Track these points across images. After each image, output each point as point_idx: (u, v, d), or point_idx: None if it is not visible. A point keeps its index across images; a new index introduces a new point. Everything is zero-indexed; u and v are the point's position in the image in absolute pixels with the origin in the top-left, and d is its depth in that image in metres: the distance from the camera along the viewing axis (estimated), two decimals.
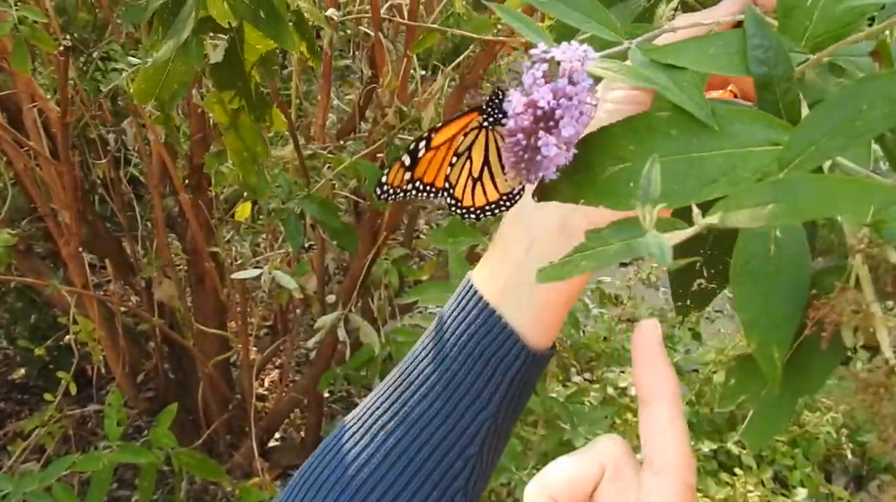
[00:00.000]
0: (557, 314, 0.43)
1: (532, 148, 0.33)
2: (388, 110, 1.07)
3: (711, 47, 0.36)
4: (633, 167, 0.34)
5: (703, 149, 0.33)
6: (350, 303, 1.27)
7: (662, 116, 0.35)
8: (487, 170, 0.42)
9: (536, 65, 0.33)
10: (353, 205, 1.27)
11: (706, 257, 0.47)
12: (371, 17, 1.00)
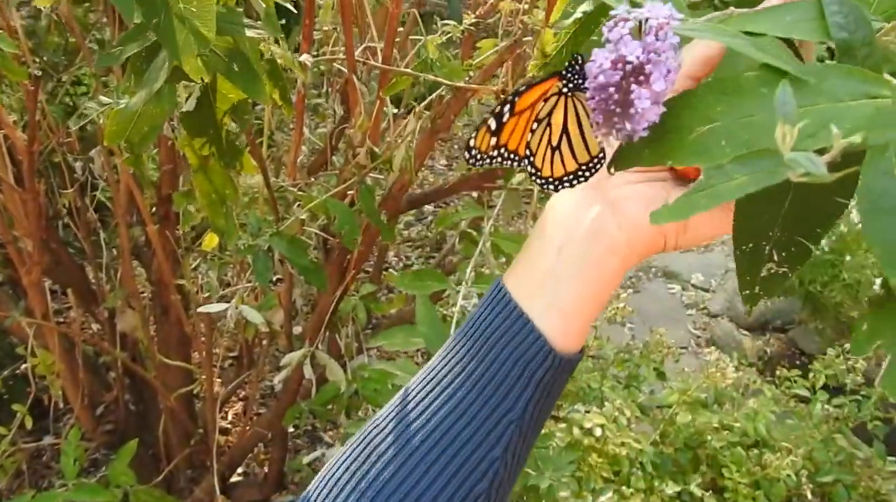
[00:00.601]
0: (586, 319, 0.44)
1: (624, 102, 0.33)
2: (360, 150, 1.07)
3: (788, 15, 0.37)
4: (724, 126, 0.34)
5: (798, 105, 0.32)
6: (317, 340, 1.26)
7: (751, 76, 0.35)
8: (566, 138, 0.41)
9: (621, 23, 0.33)
10: (323, 242, 1.27)
11: (776, 240, 0.44)
12: (345, 58, 1.01)
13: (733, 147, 0.33)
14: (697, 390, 1.38)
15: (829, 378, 1.46)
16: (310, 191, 1.16)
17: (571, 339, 0.43)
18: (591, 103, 0.34)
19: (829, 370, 1.46)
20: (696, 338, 2.37)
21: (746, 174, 0.31)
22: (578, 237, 0.42)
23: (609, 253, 0.42)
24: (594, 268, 0.43)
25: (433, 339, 0.79)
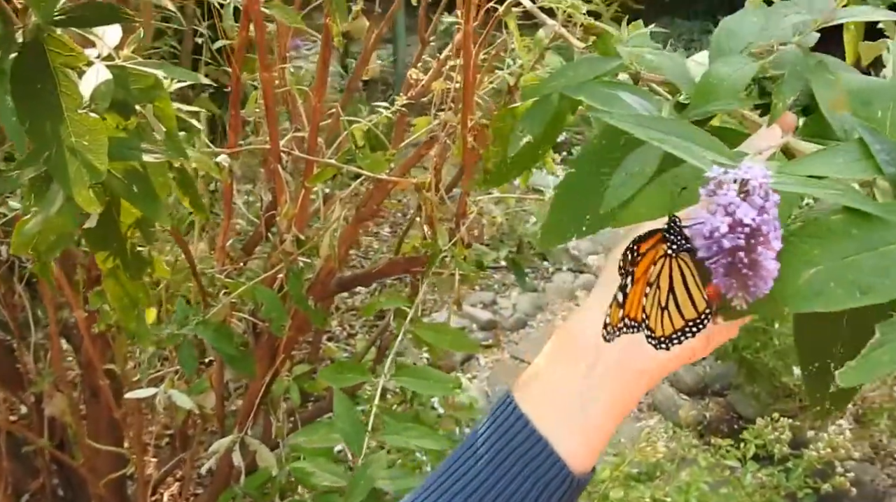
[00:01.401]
0: (606, 439, 0.45)
1: (752, 263, 0.35)
2: (287, 236, 1.08)
3: (837, 158, 0.41)
4: (827, 268, 0.37)
5: (888, 241, 0.37)
6: (246, 425, 1.24)
7: (838, 219, 0.38)
8: (672, 297, 0.42)
9: (726, 186, 0.35)
10: (253, 326, 1.26)
11: (840, 357, 0.47)
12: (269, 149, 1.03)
13: (843, 287, 0.36)
14: (629, 464, 1.39)
15: (759, 447, 1.49)
16: (238, 276, 1.17)
17: (589, 460, 0.44)
18: (714, 265, 0.36)
19: (758, 439, 1.48)
20: (638, 403, 2.39)
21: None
22: (612, 363, 0.44)
23: (641, 376, 0.44)
24: (626, 392, 0.44)
25: (351, 436, 0.79)
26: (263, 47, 0.90)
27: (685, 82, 0.56)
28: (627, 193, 0.48)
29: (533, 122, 0.68)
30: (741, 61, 0.53)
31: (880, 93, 0.47)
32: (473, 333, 2.65)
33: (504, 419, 0.44)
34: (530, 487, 0.42)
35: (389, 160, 0.96)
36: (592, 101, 0.54)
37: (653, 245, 0.42)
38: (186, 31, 1.53)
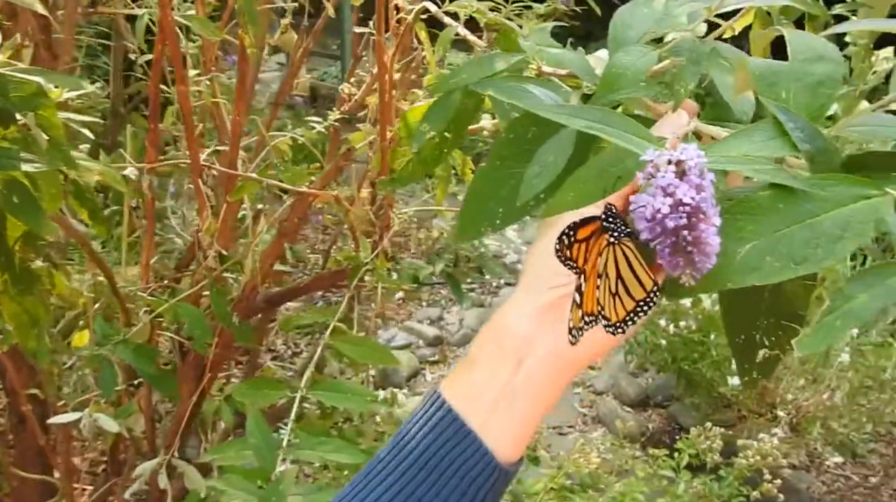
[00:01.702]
0: (533, 429, 0.46)
1: (696, 240, 0.36)
2: (210, 253, 1.07)
3: (755, 137, 0.43)
4: (761, 243, 0.39)
5: (814, 213, 0.39)
6: (174, 447, 1.22)
7: (766, 195, 0.40)
8: (621, 282, 0.43)
9: (664, 167, 0.36)
10: (179, 345, 1.24)
11: (764, 328, 0.50)
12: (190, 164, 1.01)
13: (778, 260, 0.39)
14: (566, 476, 1.39)
15: (692, 457, 1.50)
16: (162, 294, 1.15)
17: (517, 449, 0.45)
18: (659, 246, 0.37)
19: (692, 449, 1.50)
20: (582, 416, 2.40)
21: (865, 290, 0.38)
22: (542, 355, 0.44)
23: (569, 367, 0.45)
24: (555, 382, 0.45)
25: (264, 452, 0.78)
26: (178, 60, 0.89)
27: (587, 74, 0.57)
28: (543, 184, 0.49)
29: (435, 119, 0.68)
30: (641, 51, 0.55)
31: (783, 74, 0.49)
32: (420, 349, 2.65)
33: (433, 414, 0.45)
34: (459, 480, 0.43)
35: (312, 173, 0.96)
36: (500, 95, 0.54)
37: (592, 232, 0.43)
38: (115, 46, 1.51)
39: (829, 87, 0.48)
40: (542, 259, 0.46)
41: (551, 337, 0.44)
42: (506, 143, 0.55)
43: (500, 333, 0.46)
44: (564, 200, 0.44)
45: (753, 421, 2.07)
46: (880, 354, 1.97)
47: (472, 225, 0.55)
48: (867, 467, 2.14)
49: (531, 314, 0.45)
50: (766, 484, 1.42)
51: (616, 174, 0.43)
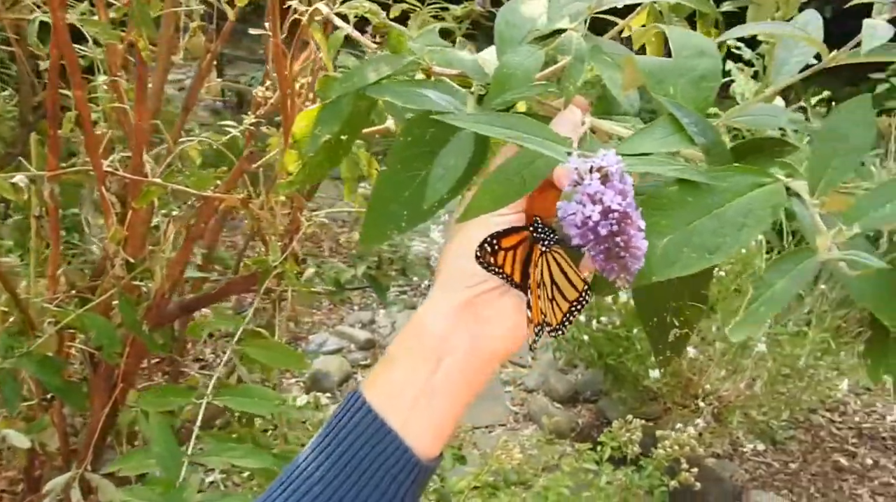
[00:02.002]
0: (454, 424, 0.47)
1: (627, 244, 0.38)
2: (116, 261, 1.05)
3: (656, 134, 0.46)
4: (677, 236, 0.42)
5: (719, 204, 0.42)
6: (86, 461, 1.19)
7: (674, 190, 0.43)
8: (556, 287, 0.45)
9: (588, 175, 0.38)
10: (90, 357, 1.21)
11: (673, 309, 0.53)
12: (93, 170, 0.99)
13: (694, 251, 0.42)
14: (491, 473, 1.40)
15: (615, 449, 1.53)
16: (68, 304, 1.12)
17: (437, 446, 0.46)
18: (592, 252, 0.39)
19: (614, 442, 1.53)
20: (514, 414, 2.43)
21: (782, 277, 0.41)
22: (460, 352, 0.45)
23: (489, 363, 0.47)
24: (473, 379, 0.46)
25: (168, 461, 0.77)
26: (73, 65, 0.87)
27: (477, 74, 0.58)
28: (447, 187, 0.51)
29: (328, 122, 0.68)
30: (528, 50, 0.56)
31: (669, 71, 0.51)
32: (352, 353, 2.64)
33: (353, 414, 0.45)
34: (380, 479, 0.44)
35: (219, 177, 0.95)
36: (397, 99, 0.55)
37: (519, 241, 0.45)
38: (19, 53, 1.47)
39: (711, 81, 0.51)
40: (456, 259, 0.47)
41: (468, 334, 0.46)
42: (404, 146, 0.55)
43: (419, 333, 0.47)
44: (480, 204, 0.45)
45: (678, 413, 2.11)
46: (795, 343, 2.04)
47: (377, 229, 0.55)
48: (787, 453, 2.21)
49: (448, 313, 0.46)
50: (684, 473, 1.46)
51: (527, 177, 0.45)
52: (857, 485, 2.09)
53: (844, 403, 2.38)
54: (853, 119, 0.46)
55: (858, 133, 0.45)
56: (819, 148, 0.45)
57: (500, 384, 2.57)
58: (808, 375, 2.05)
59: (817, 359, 2.03)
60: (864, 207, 0.42)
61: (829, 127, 0.46)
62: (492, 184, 0.45)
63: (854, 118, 0.46)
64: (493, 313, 0.46)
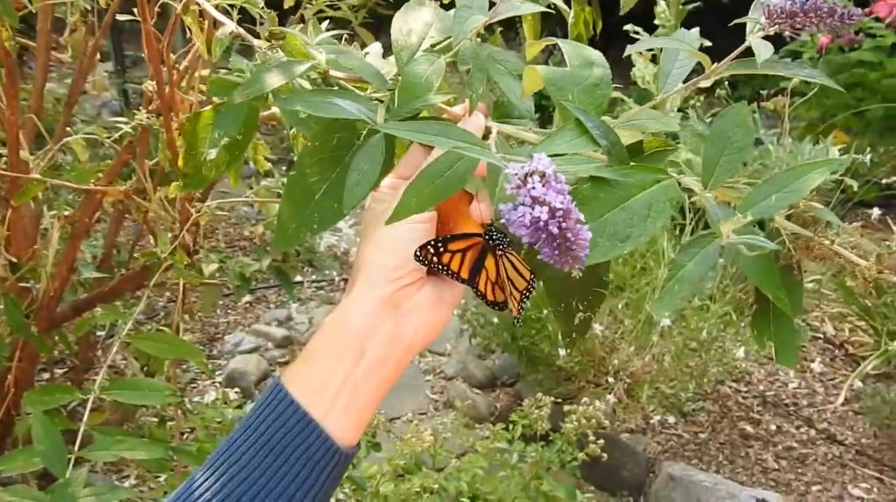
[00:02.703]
0: (372, 413, 0.50)
1: (576, 239, 0.42)
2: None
3: (566, 137, 0.52)
4: (594, 227, 0.47)
5: (626, 198, 0.48)
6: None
7: (588, 187, 0.49)
8: (510, 283, 0.52)
9: (531, 180, 0.42)
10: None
11: (578, 294, 0.59)
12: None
13: (609, 240, 0.48)
14: (401, 456, 1.42)
15: (525, 427, 1.56)
16: None
17: (359, 433, 0.49)
18: (543, 247, 0.43)
19: (525, 420, 1.56)
20: (434, 402, 2.44)
21: (691, 259, 0.48)
22: (383, 344, 0.48)
23: (407, 353, 0.50)
24: (394, 368, 0.49)
25: (52, 458, 0.75)
26: None
27: (375, 79, 0.60)
28: (364, 191, 0.54)
29: (228, 125, 0.70)
30: (429, 59, 0.59)
31: (567, 79, 0.56)
32: (269, 351, 2.61)
33: (275, 405, 0.47)
34: (301, 467, 0.46)
35: (98, 171, 0.93)
36: (310, 109, 0.57)
37: (469, 245, 0.52)
38: None
39: (604, 89, 0.57)
40: (377, 256, 0.50)
41: (389, 327, 0.49)
42: (313, 151, 0.58)
43: (341, 327, 0.49)
44: (409, 206, 0.48)
45: (591, 391, 2.17)
46: (700, 317, 2.11)
47: (291, 232, 0.58)
48: (696, 424, 2.29)
49: (371, 307, 0.49)
50: (591, 444, 1.50)
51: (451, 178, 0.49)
52: (762, 451, 2.18)
53: (749, 373, 2.48)
54: (735, 123, 0.53)
55: (740, 135, 0.52)
56: (709, 149, 0.52)
57: (420, 373, 2.58)
58: (713, 348, 2.13)
59: (720, 331, 2.11)
60: (754, 199, 0.49)
61: (715, 131, 0.52)
62: (418, 187, 0.49)
63: (735, 122, 0.53)
64: (412, 306, 0.50)
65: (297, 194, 0.57)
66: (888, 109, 3.29)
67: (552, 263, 0.43)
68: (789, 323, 0.52)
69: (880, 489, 2.04)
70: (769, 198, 0.49)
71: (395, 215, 0.47)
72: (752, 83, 4.15)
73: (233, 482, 0.45)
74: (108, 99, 3.45)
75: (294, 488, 0.46)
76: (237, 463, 0.46)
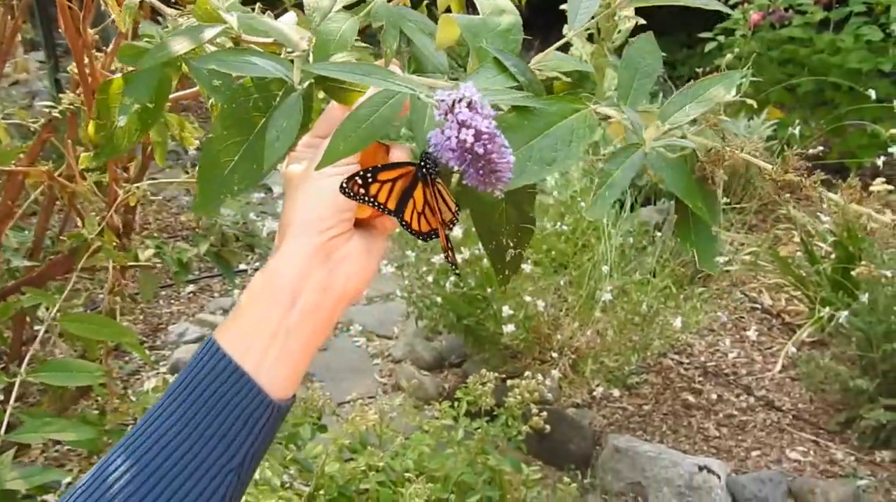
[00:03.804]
0: (306, 365, 0.50)
1: (500, 161, 0.45)
2: None
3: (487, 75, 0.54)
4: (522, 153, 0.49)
5: (549, 125, 0.51)
6: None
7: (512, 116, 0.51)
8: (428, 208, 0.53)
9: (458, 104, 0.44)
10: None
11: (508, 232, 0.61)
12: None
13: (536, 164, 0.50)
14: (346, 437, 1.42)
15: (470, 404, 1.58)
16: None
17: (294, 384, 0.49)
18: (468, 169, 0.45)
19: (469, 397, 1.57)
20: (382, 385, 2.45)
21: (618, 167, 0.50)
22: (315, 293, 0.49)
23: (339, 302, 0.50)
24: (326, 318, 0.50)
25: None
26: None
27: (288, 41, 0.60)
28: (284, 147, 0.53)
29: (139, 91, 0.69)
30: (343, 17, 0.60)
31: (480, 26, 0.59)
32: None
33: (207, 359, 0.47)
34: (235, 419, 0.45)
35: (19, 151, 0.91)
36: (224, 68, 0.57)
37: (399, 175, 0.52)
38: None
39: (515, 34, 0.60)
40: (305, 208, 0.51)
41: (321, 276, 0.49)
42: (230, 113, 0.57)
43: (271, 279, 0.49)
44: (336, 150, 0.48)
45: (537, 368, 2.19)
46: (641, 291, 2.15)
47: (210, 195, 0.57)
48: (640, 396, 2.33)
49: (300, 258, 0.49)
50: (535, 417, 1.52)
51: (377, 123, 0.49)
52: (703, 420, 2.24)
53: (691, 345, 2.54)
54: (644, 51, 0.56)
55: (649, 61, 0.56)
56: (622, 74, 0.55)
57: (368, 357, 2.58)
58: (655, 321, 2.17)
59: (661, 305, 2.15)
60: (670, 111, 0.53)
61: (627, 58, 0.56)
62: (345, 130, 0.49)
63: (644, 50, 0.56)
64: (343, 254, 0.50)
65: (215, 157, 0.57)
66: (818, 83, 3.38)
67: (477, 186, 0.46)
68: (708, 230, 0.56)
69: (816, 452, 2.11)
70: (683, 109, 0.53)
71: (324, 160, 0.48)
72: (689, 63, 4.23)
73: (166, 437, 0.45)
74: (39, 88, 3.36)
75: (230, 439, 0.45)
76: (170, 418, 0.45)
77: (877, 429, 2.08)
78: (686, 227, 0.57)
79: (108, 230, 0.93)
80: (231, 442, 0.46)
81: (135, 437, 0.46)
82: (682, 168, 0.54)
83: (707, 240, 0.56)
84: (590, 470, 2.07)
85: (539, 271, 2.15)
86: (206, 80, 0.65)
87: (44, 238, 1.38)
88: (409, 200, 0.53)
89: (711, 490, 1.90)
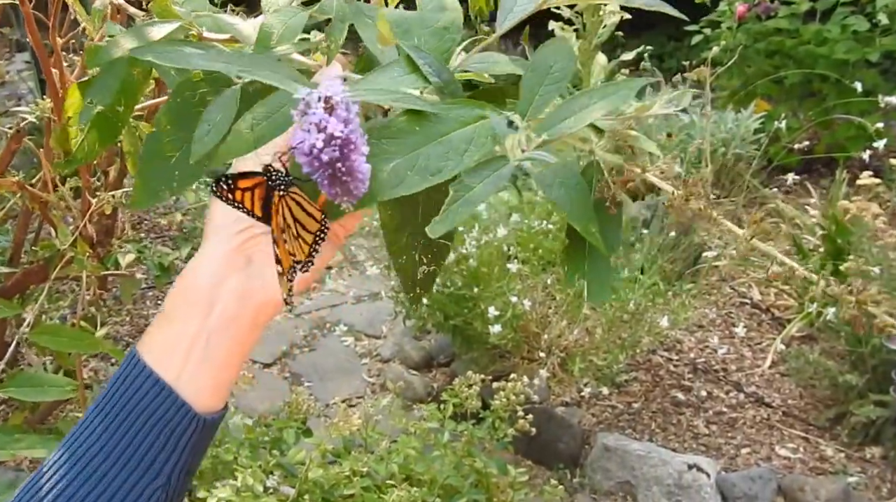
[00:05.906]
0: (235, 373, 0.47)
1: (350, 170, 0.40)
2: None
3: (393, 73, 0.49)
4: (403, 161, 0.45)
5: (445, 132, 0.46)
6: None
7: (403, 120, 0.46)
8: (298, 224, 0.47)
9: (314, 104, 0.39)
10: None
11: (420, 248, 0.57)
12: None
13: (418, 174, 0.45)
14: (330, 441, 1.40)
15: (456, 406, 1.56)
16: None
17: (219, 398, 0.46)
18: (318, 177, 0.40)
19: (455, 399, 1.56)
20: (371, 385, 2.44)
21: (480, 181, 0.44)
22: (233, 296, 0.46)
23: (259, 311, 0.47)
24: (248, 328, 0.47)
25: None
26: None
27: (245, 37, 0.58)
28: (213, 141, 0.50)
29: (100, 92, 0.67)
30: (292, 11, 0.57)
31: (413, 22, 0.55)
32: None
33: (129, 372, 0.45)
34: (157, 435, 0.44)
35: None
36: (160, 59, 0.54)
37: (255, 184, 0.47)
38: None
39: (453, 32, 0.55)
40: (221, 210, 0.48)
41: (239, 279, 0.46)
42: (174, 107, 0.55)
43: (189, 285, 0.47)
44: (230, 148, 0.46)
45: (525, 367, 2.18)
46: (629, 288, 2.14)
47: (149, 189, 0.55)
48: (630, 394, 2.32)
49: (217, 261, 0.47)
50: (520, 420, 1.51)
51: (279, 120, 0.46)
52: (693, 417, 2.23)
53: (680, 341, 2.53)
54: (557, 52, 0.50)
55: (561, 64, 0.50)
56: (528, 78, 0.49)
57: (356, 356, 2.57)
58: (644, 319, 2.16)
59: (650, 302, 2.14)
60: (551, 121, 0.47)
61: (536, 60, 0.50)
62: (240, 129, 0.46)
63: (557, 52, 0.50)
64: (263, 256, 0.47)
65: (156, 151, 0.55)
66: (805, 75, 3.38)
67: (326, 195, 0.42)
68: (604, 260, 0.51)
69: (805, 448, 2.10)
70: (567, 120, 0.48)
71: (217, 158, 0.46)
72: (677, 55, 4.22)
73: (87, 454, 0.43)
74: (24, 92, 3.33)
75: (153, 455, 0.44)
76: (91, 435, 0.44)
77: (866, 425, 2.08)
78: (579, 254, 0.51)
79: (82, 240, 0.91)
80: (154, 460, 0.44)
81: (60, 453, 0.44)
82: (577, 187, 0.49)
83: (601, 271, 0.51)
84: (579, 469, 2.06)
85: (527, 269, 2.14)
86: (173, 80, 0.64)
87: (23, 243, 1.36)
88: (290, 233, 0.48)
89: (701, 488, 1.89)
